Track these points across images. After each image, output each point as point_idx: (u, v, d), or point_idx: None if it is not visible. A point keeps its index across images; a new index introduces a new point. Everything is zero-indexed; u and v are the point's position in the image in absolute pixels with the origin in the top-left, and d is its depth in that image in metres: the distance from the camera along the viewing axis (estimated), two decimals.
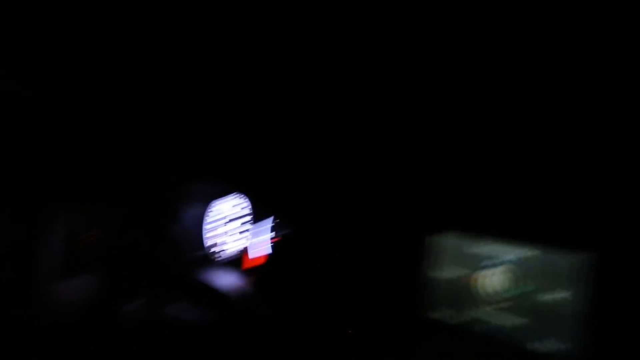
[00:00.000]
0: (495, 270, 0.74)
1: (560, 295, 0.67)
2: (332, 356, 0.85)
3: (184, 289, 1.22)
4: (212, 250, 1.41)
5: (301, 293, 1.00)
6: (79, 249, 1.05)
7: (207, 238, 1.43)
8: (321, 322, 0.90)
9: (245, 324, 1.06)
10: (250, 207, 1.36)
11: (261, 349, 0.99)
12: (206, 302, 1.18)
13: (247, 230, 1.34)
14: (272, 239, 1.28)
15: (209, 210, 1.43)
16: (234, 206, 1.39)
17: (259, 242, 1.31)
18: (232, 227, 1.38)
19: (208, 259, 1.40)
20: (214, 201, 1.42)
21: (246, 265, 1.32)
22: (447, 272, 0.79)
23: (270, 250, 1.25)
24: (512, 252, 0.73)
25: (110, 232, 1.17)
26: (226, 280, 1.20)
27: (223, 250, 1.39)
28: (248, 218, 1.35)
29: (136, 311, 1.02)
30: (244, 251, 1.33)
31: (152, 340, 1.05)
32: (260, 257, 1.30)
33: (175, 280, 1.26)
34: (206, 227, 1.44)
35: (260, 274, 1.16)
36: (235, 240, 1.36)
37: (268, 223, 1.31)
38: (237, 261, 1.34)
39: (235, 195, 1.38)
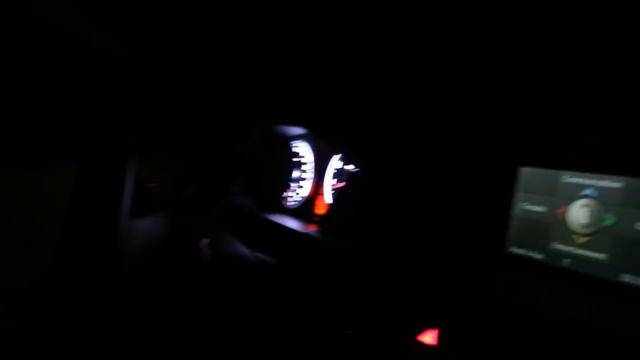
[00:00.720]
0: (582, 202, 0.71)
1: None
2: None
3: (251, 232, 1.24)
4: (281, 195, 1.42)
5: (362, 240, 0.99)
6: (151, 195, 1.11)
7: (277, 183, 1.43)
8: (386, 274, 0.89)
9: (309, 269, 1.06)
10: (318, 151, 1.33)
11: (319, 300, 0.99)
12: (271, 245, 1.18)
13: (315, 176, 1.32)
14: (336, 184, 1.25)
15: (278, 155, 1.44)
16: (303, 152, 1.37)
17: (327, 188, 1.28)
18: (301, 174, 1.37)
19: (276, 204, 1.41)
20: (283, 145, 1.42)
21: (316, 211, 1.30)
22: (532, 206, 0.77)
23: (332, 199, 1.22)
24: (597, 183, 0.70)
25: (179, 178, 1.22)
26: (293, 225, 1.19)
27: (291, 196, 1.39)
28: (314, 164, 1.33)
29: (204, 249, 1.05)
30: (313, 197, 1.32)
31: (218, 277, 1.09)
32: (326, 204, 1.28)
33: (242, 222, 1.29)
34: (276, 172, 1.45)
35: (327, 219, 1.14)
36: (304, 187, 1.35)
37: (336, 168, 1.27)
38: (306, 207, 1.33)
39: (304, 141, 1.36)
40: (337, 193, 1.21)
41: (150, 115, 1.12)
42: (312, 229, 1.16)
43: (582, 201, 0.70)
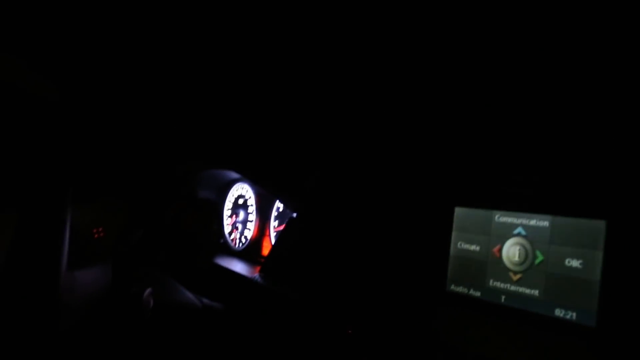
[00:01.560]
0: (514, 241, 0.74)
1: (580, 261, 0.67)
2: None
3: (198, 276, 1.22)
4: (226, 238, 1.41)
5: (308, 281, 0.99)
6: (92, 242, 1.08)
7: (222, 226, 1.42)
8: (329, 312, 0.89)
9: (254, 313, 1.04)
10: (260, 194, 1.34)
11: (265, 342, 0.97)
12: (219, 290, 1.16)
13: (260, 217, 1.32)
14: (278, 226, 1.26)
15: (223, 198, 1.43)
16: (246, 194, 1.37)
17: (272, 229, 1.28)
18: (246, 216, 1.36)
19: (222, 247, 1.39)
20: (228, 189, 1.42)
21: (262, 252, 1.30)
22: (468, 244, 0.79)
23: (275, 240, 1.22)
24: (527, 222, 0.73)
25: (123, 223, 1.19)
26: (239, 268, 1.18)
27: (236, 238, 1.38)
28: (257, 205, 1.33)
29: (149, 298, 1.02)
30: (260, 238, 1.31)
31: (164, 326, 1.05)
32: (269, 245, 1.27)
33: (190, 267, 1.27)
34: (221, 215, 1.44)
35: (268, 263, 1.13)
36: (248, 228, 1.34)
37: (277, 210, 1.28)
38: (253, 249, 1.32)
39: (247, 183, 1.37)
40: (278, 235, 1.21)
41: (90, 157, 1.09)
42: (257, 271, 1.15)
43: (514, 239, 0.73)
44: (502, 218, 0.75)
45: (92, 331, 0.95)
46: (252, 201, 1.35)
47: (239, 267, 1.21)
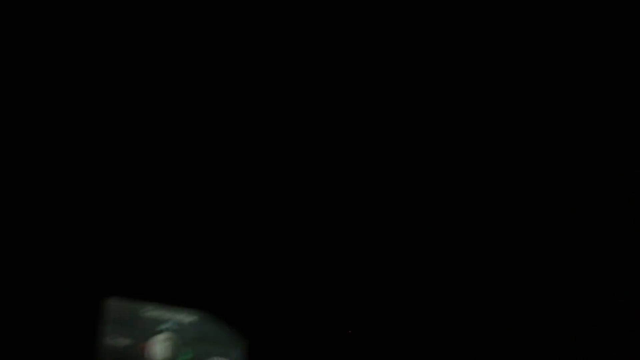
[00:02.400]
0: (159, 337, 0.69)
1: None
2: None
3: None
4: None
5: None
6: None
7: None
8: None
9: None
10: None
11: None
12: None
13: None
14: None
15: None
16: None
17: None
18: None
19: None
20: None
21: None
22: (113, 340, 0.71)
23: None
24: (174, 318, 0.70)
25: None
26: None
27: None
28: None
29: None
30: None
31: None
32: None
33: None
34: None
35: None
36: None
37: None
38: None
39: None
40: None
41: None
42: None
43: (162, 335, 0.69)
44: (150, 312, 0.70)
45: None
46: None
47: None
